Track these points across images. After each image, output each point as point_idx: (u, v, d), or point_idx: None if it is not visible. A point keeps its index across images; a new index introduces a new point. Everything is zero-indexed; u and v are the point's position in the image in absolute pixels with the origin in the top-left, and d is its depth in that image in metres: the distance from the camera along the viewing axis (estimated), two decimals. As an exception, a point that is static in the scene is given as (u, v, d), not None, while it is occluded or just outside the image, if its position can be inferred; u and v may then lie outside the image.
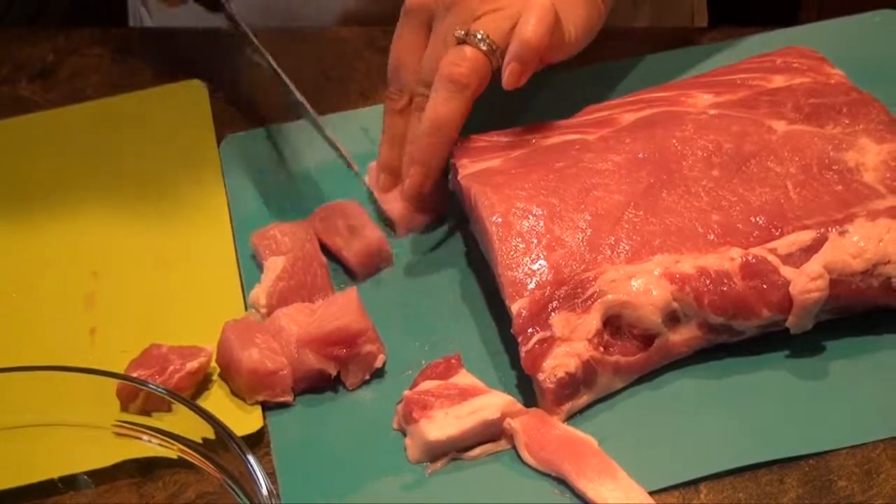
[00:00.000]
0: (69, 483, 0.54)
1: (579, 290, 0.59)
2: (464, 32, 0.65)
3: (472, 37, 0.65)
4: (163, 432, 0.51)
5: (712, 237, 0.61)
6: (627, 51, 0.81)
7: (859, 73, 0.71)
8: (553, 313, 0.59)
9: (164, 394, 0.49)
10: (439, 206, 0.69)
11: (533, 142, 0.66)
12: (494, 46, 0.65)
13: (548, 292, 0.59)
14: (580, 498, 0.55)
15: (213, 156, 0.76)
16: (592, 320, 0.59)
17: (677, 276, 0.59)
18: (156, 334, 0.64)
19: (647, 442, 0.58)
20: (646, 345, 0.60)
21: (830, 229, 0.60)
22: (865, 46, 0.79)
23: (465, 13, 0.66)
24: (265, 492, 0.45)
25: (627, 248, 0.61)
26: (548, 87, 0.77)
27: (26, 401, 0.54)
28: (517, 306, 0.59)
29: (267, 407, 0.60)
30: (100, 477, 0.55)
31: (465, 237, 0.68)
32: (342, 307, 0.61)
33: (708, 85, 0.69)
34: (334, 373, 0.60)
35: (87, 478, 0.54)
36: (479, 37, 0.65)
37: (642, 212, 0.62)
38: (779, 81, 0.68)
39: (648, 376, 0.60)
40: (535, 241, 0.61)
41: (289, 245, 0.66)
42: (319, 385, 0.61)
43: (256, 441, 0.59)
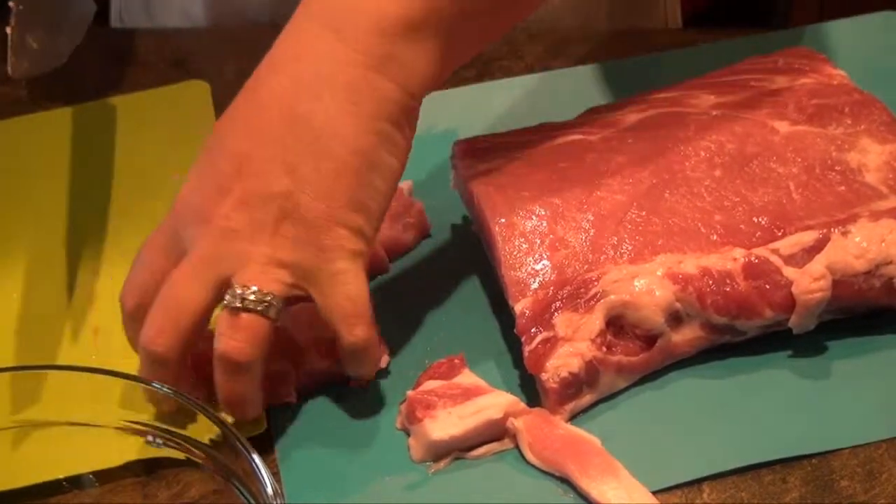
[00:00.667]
0: (73, 482, 0.54)
1: (582, 290, 0.59)
2: (234, 297, 0.54)
3: (243, 299, 0.54)
4: (169, 432, 0.51)
5: (715, 237, 0.61)
6: (626, 51, 0.81)
7: (861, 73, 0.71)
8: (556, 313, 0.59)
9: (170, 394, 0.49)
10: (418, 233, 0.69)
11: (536, 142, 0.66)
12: (270, 299, 0.54)
13: (551, 292, 0.59)
14: (583, 497, 0.55)
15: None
16: (595, 320, 0.59)
17: (680, 276, 0.60)
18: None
19: (650, 441, 0.58)
20: (648, 345, 0.60)
21: (833, 230, 0.60)
22: (867, 47, 0.79)
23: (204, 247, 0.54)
24: (270, 491, 0.45)
25: (630, 248, 0.61)
26: (549, 88, 0.78)
27: (31, 400, 0.54)
28: (520, 306, 0.59)
29: (271, 407, 0.60)
30: (104, 476, 0.55)
31: (469, 237, 0.68)
32: None
33: (710, 86, 0.69)
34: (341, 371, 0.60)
35: (91, 477, 0.54)
36: (256, 299, 0.54)
37: (645, 212, 0.62)
38: (781, 82, 0.69)
39: (651, 376, 0.61)
40: (539, 241, 0.61)
41: None
42: (327, 383, 0.61)
43: (261, 441, 0.59)
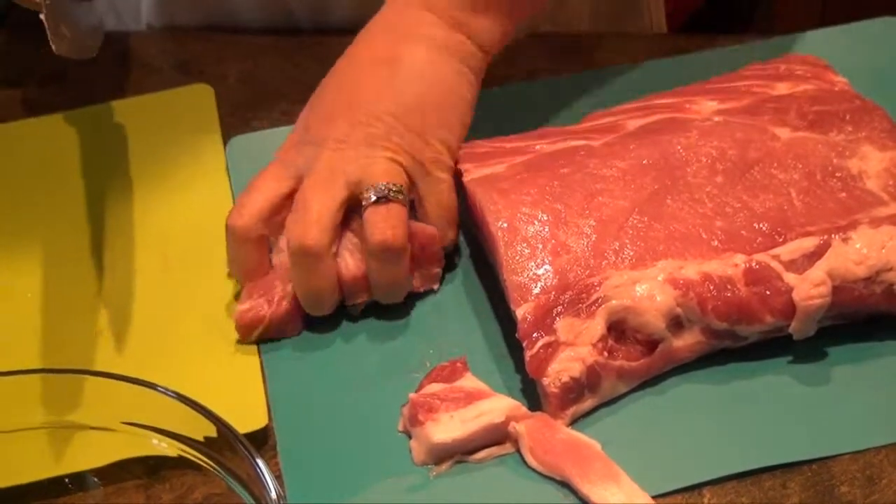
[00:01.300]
0: (77, 483, 0.55)
1: (584, 295, 0.60)
2: (373, 191, 0.62)
3: (385, 190, 0.62)
4: (172, 434, 0.51)
5: (716, 243, 0.61)
6: (627, 56, 0.82)
7: (862, 80, 0.71)
8: (558, 318, 0.59)
9: (173, 397, 0.50)
10: None
11: (538, 147, 0.66)
12: (402, 188, 0.63)
13: (552, 297, 0.60)
14: (584, 501, 0.56)
15: (220, 158, 0.76)
16: (597, 325, 0.59)
17: (681, 281, 0.60)
18: (161, 336, 0.65)
19: (650, 446, 0.58)
20: (649, 350, 0.60)
21: (833, 236, 0.61)
22: (868, 54, 0.79)
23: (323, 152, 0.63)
24: (273, 495, 0.45)
25: (632, 253, 0.61)
26: (550, 93, 0.78)
27: (34, 402, 0.54)
28: (522, 311, 0.59)
29: (273, 407, 0.60)
30: (107, 477, 0.55)
31: (471, 242, 0.69)
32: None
33: (712, 92, 0.69)
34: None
35: (95, 479, 0.54)
36: (393, 189, 0.62)
37: (646, 218, 0.62)
38: (782, 88, 0.69)
39: (652, 381, 0.61)
40: (541, 246, 0.61)
41: None
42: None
43: (263, 442, 0.59)
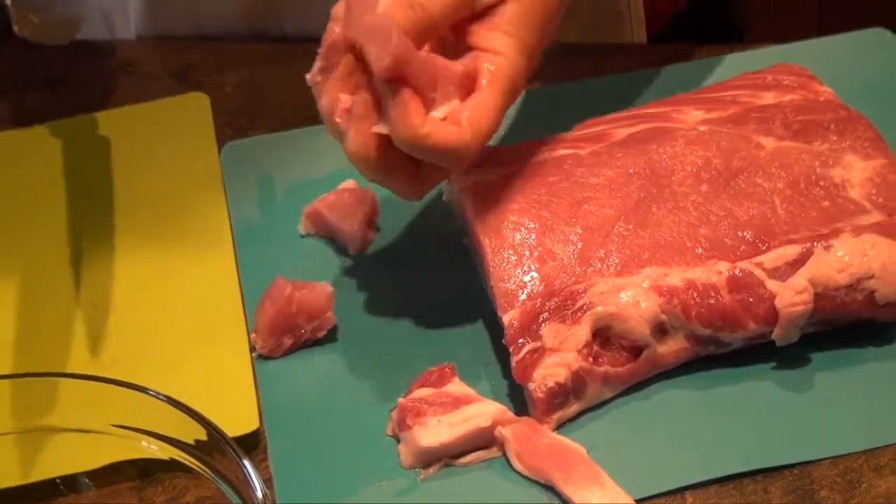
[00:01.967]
0: (70, 485, 0.56)
1: (569, 301, 0.61)
2: None
3: None
4: (163, 437, 0.52)
5: (700, 251, 0.62)
6: (614, 67, 0.83)
7: (850, 90, 0.72)
8: (544, 324, 0.60)
9: (164, 401, 0.50)
10: None
11: (526, 156, 0.67)
12: None
13: (539, 304, 0.61)
14: (569, 504, 0.57)
15: (215, 167, 0.77)
16: (582, 331, 0.60)
17: (665, 288, 0.61)
18: (154, 342, 0.66)
19: (634, 450, 0.59)
20: (634, 356, 0.61)
21: (816, 244, 0.62)
22: (857, 64, 0.80)
23: None
24: (260, 495, 0.46)
25: (617, 261, 0.62)
26: (539, 103, 0.79)
27: (23, 406, 0.55)
28: (509, 317, 0.60)
29: (263, 411, 0.61)
30: (100, 480, 0.56)
31: (461, 249, 0.70)
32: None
33: (699, 101, 0.70)
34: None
35: (87, 480, 0.55)
36: None
37: (632, 225, 0.63)
38: (768, 98, 0.70)
39: (637, 386, 0.62)
40: (527, 253, 0.62)
41: None
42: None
43: (254, 445, 0.60)
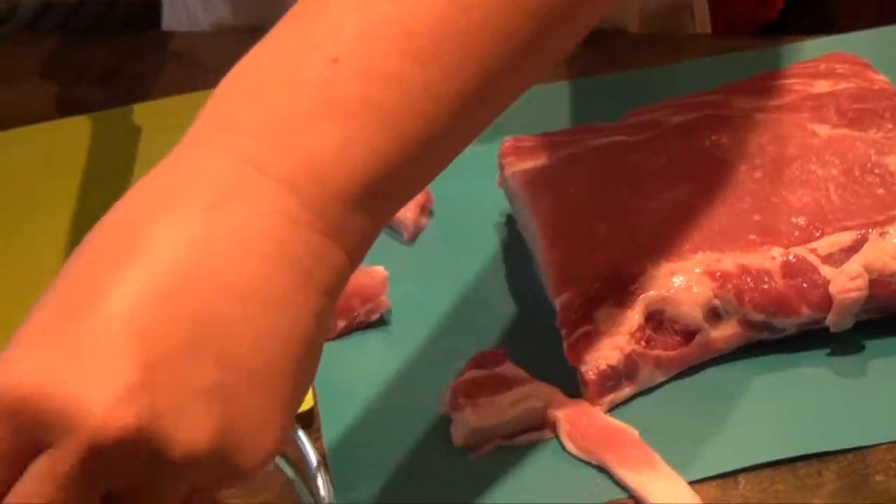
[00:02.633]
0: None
1: (622, 285, 0.61)
2: None
3: None
4: None
5: (753, 237, 0.62)
6: (672, 56, 0.83)
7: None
8: (597, 308, 0.60)
9: None
10: None
11: (580, 142, 0.68)
12: None
13: (592, 287, 0.61)
14: (621, 487, 0.57)
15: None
16: (635, 315, 0.60)
17: (718, 273, 0.61)
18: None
19: (687, 434, 0.59)
20: (687, 340, 0.61)
21: (870, 231, 0.61)
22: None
23: None
24: (314, 463, 0.46)
25: (670, 246, 0.62)
26: (594, 91, 0.79)
27: None
28: (562, 300, 0.61)
29: (317, 387, 0.62)
30: None
31: (513, 236, 0.70)
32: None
33: (752, 90, 0.70)
34: None
35: None
36: None
37: (685, 212, 0.63)
38: (822, 86, 0.70)
39: (690, 371, 0.62)
40: (580, 237, 0.62)
41: None
42: None
43: (308, 424, 0.61)
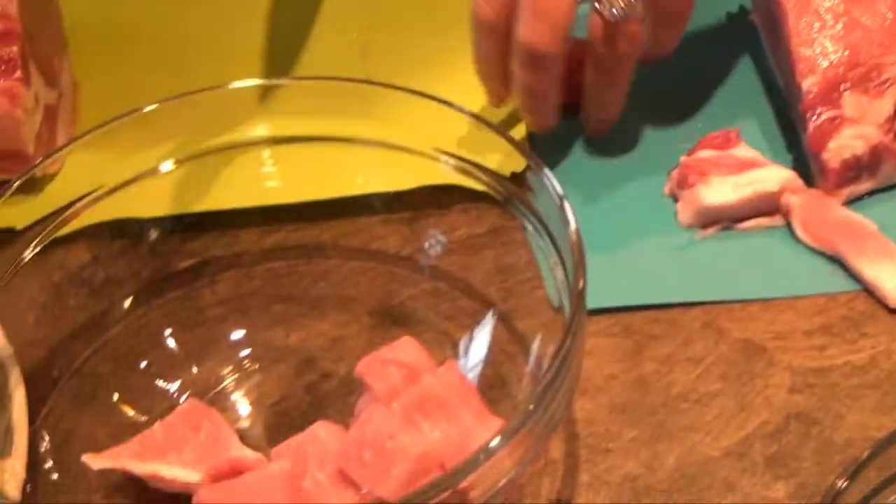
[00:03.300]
0: (382, 204, 0.57)
1: (874, 73, 0.58)
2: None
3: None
4: (474, 164, 0.52)
5: None
6: None
7: None
8: (844, 94, 0.58)
9: (487, 127, 0.49)
10: None
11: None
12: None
13: (841, 72, 0.58)
14: (855, 278, 0.56)
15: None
16: (885, 105, 0.58)
17: (977, 69, 0.58)
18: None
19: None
20: (934, 139, 0.59)
21: None
22: None
23: None
24: (573, 230, 0.46)
25: (924, 38, 0.59)
26: None
27: (351, 113, 0.54)
28: (808, 83, 0.58)
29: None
30: (401, 204, 0.57)
31: (746, 27, 0.67)
32: None
33: None
34: None
35: (396, 203, 0.55)
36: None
37: (942, 3, 0.60)
38: None
39: (929, 173, 0.60)
40: (832, 20, 0.59)
41: None
42: None
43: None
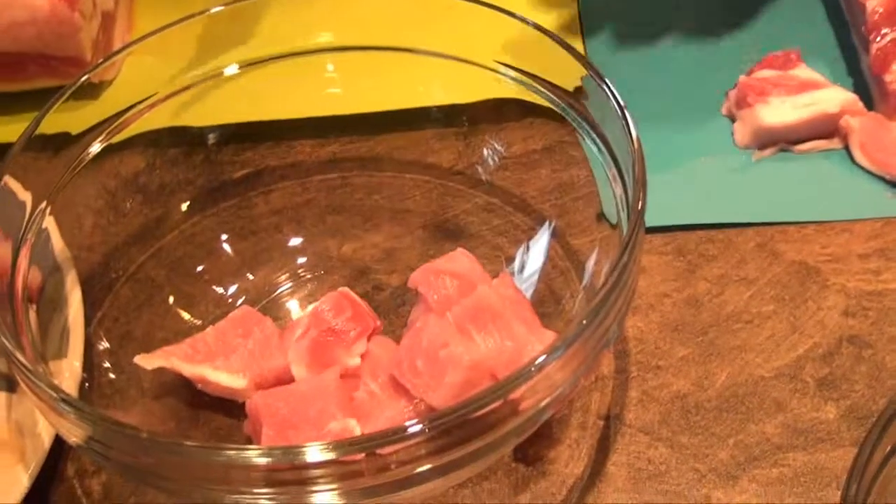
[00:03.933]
0: (448, 115, 0.57)
1: (940, -3, 0.58)
2: None
3: None
4: (538, 79, 0.51)
5: None
6: None
7: None
8: (909, 17, 0.57)
9: (556, 40, 0.48)
10: None
11: None
12: None
13: (906, -6, 0.58)
14: (913, 199, 0.56)
15: None
16: (951, 27, 0.57)
17: None
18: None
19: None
20: None
21: None
22: None
23: None
24: (635, 136, 0.45)
25: None
26: None
27: (400, 22, 0.53)
28: (873, 3, 0.58)
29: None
30: (461, 117, 0.57)
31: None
32: None
33: None
34: None
35: (463, 117, 0.55)
36: None
37: None
38: None
39: None
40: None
41: None
42: None
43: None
